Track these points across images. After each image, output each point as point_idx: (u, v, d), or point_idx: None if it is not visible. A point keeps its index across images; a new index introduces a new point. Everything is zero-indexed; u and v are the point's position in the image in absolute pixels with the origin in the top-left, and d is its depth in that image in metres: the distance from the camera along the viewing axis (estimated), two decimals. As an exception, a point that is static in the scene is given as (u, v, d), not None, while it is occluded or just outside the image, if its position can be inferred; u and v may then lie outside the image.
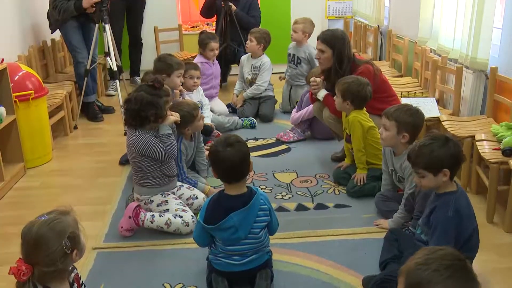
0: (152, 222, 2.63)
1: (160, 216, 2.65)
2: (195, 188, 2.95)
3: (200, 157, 3.28)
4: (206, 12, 5.60)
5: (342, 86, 3.06)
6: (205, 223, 2.11)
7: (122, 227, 2.65)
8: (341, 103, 3.09)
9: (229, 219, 2.07)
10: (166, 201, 2.73)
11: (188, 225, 2.63)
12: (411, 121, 2.57)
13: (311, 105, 3.94)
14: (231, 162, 2.06)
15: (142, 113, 2.59)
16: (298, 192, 3.14)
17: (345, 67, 3.32)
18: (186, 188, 2.90)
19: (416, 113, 2.60)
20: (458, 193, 2.06)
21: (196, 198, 2.87)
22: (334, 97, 3.17)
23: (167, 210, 2.70)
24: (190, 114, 3.02)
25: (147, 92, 2.62)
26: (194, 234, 2.23)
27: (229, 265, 2.15)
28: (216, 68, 4.70)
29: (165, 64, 3.60)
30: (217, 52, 4.65)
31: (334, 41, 3.31)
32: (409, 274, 1.29)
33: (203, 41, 4.56)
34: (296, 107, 4.22)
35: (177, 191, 2.85)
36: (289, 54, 4.74)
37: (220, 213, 2.08)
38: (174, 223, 2.63)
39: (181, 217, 2.64)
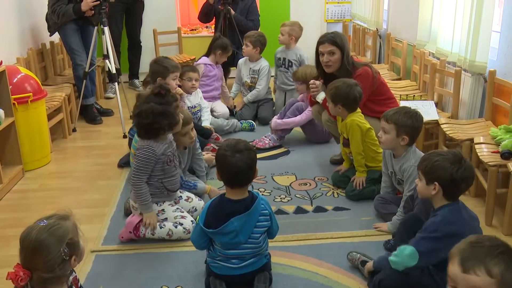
0: (153, 235, 2.59)
1: (161, 227, 2.60)
2: (193, 199, 2.86)
3: (197, 164, 3.25)
4: (204, 17, 5.62)
5: (330, 91, 3.05)
6: (205, 226, 2.10)
7: (122, 237, 2.62)
8: (333, 108, 3.09)
9: (230, 223, 2.06)
10: (163, 210, 2.67)
11: (189, 232, 2.60)
12: (410, 123, 2.58)
13: (297, 117, 3.93)
14: (238, 168, 2.04)
15: (155, 125, 2.52)
16: (297, 195, 3.14)
17: (350, 67, 3.32)
18: (185, 200, 2.83)
19: (414, 115, 2.61)
20: (451, 206, 2.01)
21: (195, 210, 2.81)
22: (327, 103, 3.15)
23: (166, 219, 2.65)
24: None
25: (156, 102, 2.54)
26: (192, 236, 2.22)
27: (228, 268, 2.14)
28: (219, 71, 4.71)
29: (161, 67, 3.59)
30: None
31: (342, 41, 3.29)
32: (463, 252, 1.33)
33: (227, 46, 4.60)
34: (278, 114, 4.16)
35: (175, 203, 2.78)
36: (279, 59, 4.72)
37: (221, 218, 2.07)
38: (176, 232, 2.59)
39: (181, 224, 2.61)
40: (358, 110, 3.09)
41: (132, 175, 2.57)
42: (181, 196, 2.81)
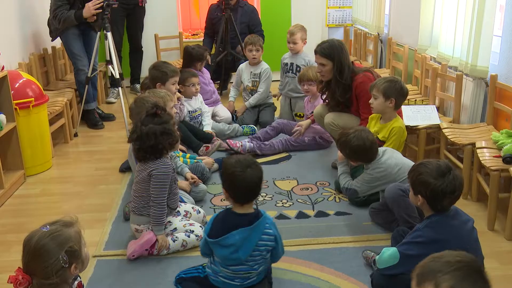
0: (168, 250, 2.56)
1: (174, 241, 2.56)
2: (192, 213, 2.77)
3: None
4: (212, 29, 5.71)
5: (383, 85, 3.01)
6: (209, 236, 2.08)
7: (133, 256, 2.51)
8: (382, 103, 3.03)
9: (230, 236, 2.02)
10: (169, 221, 2.61)
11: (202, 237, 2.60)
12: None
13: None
14: (252, 183, 2.03)
15: (159, 146, 2.51)
16: (298, 200, 3.14)
17: (346, 76, 3.32)
18: (183, 216, 2.73)
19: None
20: (437, 216, 2.00)
21: (192, 232, 2.63)
22: (370, 100, 3.08)
23: (175, 229, 2.60)
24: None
25: (155, 123, 2.51)
26: (200, 244, 2.22)
27: (230, 285, 2.12)
28: (206, 73, 4.72)
29: (160, 72, 3.59)
30: None
31: (333, 52, 3.31)
32: (422, 265, 1.33)
33: (203, 55, 4.54)
34: (261, 132, 4.10)
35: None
36: (286, 64, 4.58)
37: (224, 229, 2.05)
38: (190, 242, 2.57)
39: (192, 231, 2.59)
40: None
41: (155, 195, 2.50)
42: (178, 212, 2.72)
